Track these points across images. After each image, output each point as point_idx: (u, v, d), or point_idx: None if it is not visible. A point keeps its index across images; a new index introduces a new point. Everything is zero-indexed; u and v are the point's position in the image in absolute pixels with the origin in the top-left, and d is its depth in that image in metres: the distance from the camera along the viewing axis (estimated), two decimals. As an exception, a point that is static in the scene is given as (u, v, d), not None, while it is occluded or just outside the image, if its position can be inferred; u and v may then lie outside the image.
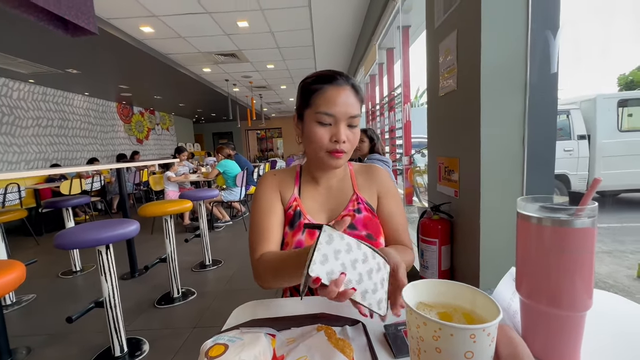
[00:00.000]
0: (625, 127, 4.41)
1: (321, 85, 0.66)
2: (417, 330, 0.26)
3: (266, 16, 3.57)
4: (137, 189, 5.88)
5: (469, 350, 0.24)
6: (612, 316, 0.51)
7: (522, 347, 0.25)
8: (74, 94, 6.74)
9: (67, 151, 6.47)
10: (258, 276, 0.65)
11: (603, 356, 0.41)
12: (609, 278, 2.47)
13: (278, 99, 9.74)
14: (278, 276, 0.60)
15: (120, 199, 2.69)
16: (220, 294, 2.29)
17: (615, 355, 0.42)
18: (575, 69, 13.24)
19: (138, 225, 1.61)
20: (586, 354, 0.41)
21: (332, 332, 0.46)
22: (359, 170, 0.80)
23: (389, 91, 3.45)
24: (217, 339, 0.40)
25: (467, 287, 0.31)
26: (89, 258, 2.95)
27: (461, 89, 1.14)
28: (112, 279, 1.53)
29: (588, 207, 0.37)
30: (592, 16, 20.58)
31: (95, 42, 3.77)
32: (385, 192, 0.77)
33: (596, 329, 0.46)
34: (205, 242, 2.81)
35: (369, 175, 0.78)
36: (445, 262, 1.30)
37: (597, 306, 0.47)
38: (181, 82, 6.29)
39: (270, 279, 0.62)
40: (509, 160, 1.01)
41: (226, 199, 4.06)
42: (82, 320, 1.89)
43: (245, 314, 0.58)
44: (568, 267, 0.37)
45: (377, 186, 0.77)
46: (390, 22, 2.97)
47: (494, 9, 0.97)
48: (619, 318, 0.50)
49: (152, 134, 9.96)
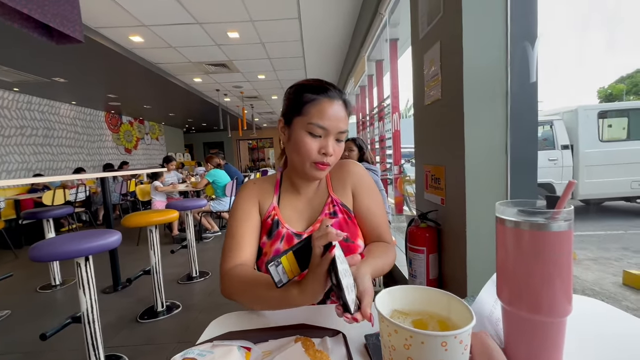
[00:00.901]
0: (606, 138, 4.57)
1: (315, 96, 0.66)
2: (389, 339, 0.25)
3: (256, 27, 3.61)
4: (124, 199, 5.75)
5: (441, 358, 0.23)
6: (593, 321, 0.50)
7: (496, 354, 0.24)
8: (60, 103, 6.63)
9: (51, 161, 6.31)
10: (225, 287, 0.62)
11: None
12: (595, 285, 2.50)
13: (269, 109, 9.78)
14: (246, 293, 0.58)
15: (105, 210, 2.61)
16: (206, 307, 2.22)
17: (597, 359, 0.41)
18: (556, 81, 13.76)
19: (120, 235, 1.56)
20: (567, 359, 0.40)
21: (311, 343, 0.44)
22: (333, 169, 0.77)
23: (379, 102, 3.50)
24: (186, 354, 0.38)
25: (442, 293, 0.30)
26: (70, 271, 2.84)
27: (445, 98, 1.16)
28: (90, 292, 1.46)
29: (564, 210, 0.36)
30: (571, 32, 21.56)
31: (83, 50, 3.74)
32: (359, 186, 0.75)
33: (578, 334, 0.46)
34: (192, 253, 2.74)
35: (342, 171, 0.76)
36: (434, 271, 1.29)
37: (578, 311, 0.47)
38: (171, 92, 6.26)
39: (239, 293, 0.60)
40: (493, 167, 1.02)
41: (215, 209, 3.99)
42: (60, 337, 1.80)
43: (223, 327, 0.56)
44: (547, 271, 0.36)
45: (351, 182, 0.75)
46: (379, 34, 3.04)
47: (475, 21, 0.99)
48: (601, 323, 0.50)
49: (141, 143, 9.82)
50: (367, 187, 0.76)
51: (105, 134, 8.15)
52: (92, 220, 5.33)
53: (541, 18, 0.99)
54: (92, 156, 7.57)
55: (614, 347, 0.44)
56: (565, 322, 0.38)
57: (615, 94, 19.84)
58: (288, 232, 0.69)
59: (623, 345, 0.44)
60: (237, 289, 0.60)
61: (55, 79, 4.91)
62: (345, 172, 0.76)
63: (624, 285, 2.47)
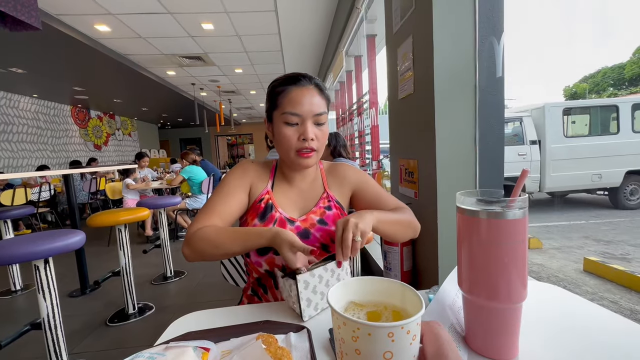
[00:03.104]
0: (570, 134, 4.84)
1: (286, 86, 0.68)
2: (339, 332, 0.24)
3: (232, 19, 3.51)
4: (94, 198, 5.46)
5: (388, 350, 0.22)
6: (551, 307, 0.52)
7: (447, 344, 0.24)
8: (19, 96, 6.17)
9: (10, 158, 5.87)
10: (190, 246, 0.64)
11: (541, 345, 0.42)
12: (559, 272, 2.65)
13: (248, 104, 9.58)
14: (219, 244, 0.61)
15: (69, 209, 2.46)
16: (181, 307, 2.15)
17: (553, 343, 0.42)
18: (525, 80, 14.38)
19: (83, 236, 1.47)
20: (525, 344, 0.41)
21: (273, 340, 0.43)
22: (329, 169, 0.81)
23: (358, 98, 3.51)
24: (136, 357, 0.36)
25: (397, 284, 0.29)
26: (32, 275, 2.65)
27: (417, 92, 1.17)
28: (52, 297, 1.37)
29: (519, 198, 0.37)
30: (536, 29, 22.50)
31: (43, 39, 3.48)
32: (360, 184, 0.79)
33: (535, 319, 0.47)
34: (166, 252, 2.64)
35: (338, 175, 0.80)
36: (407, 263, 1.31)
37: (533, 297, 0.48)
38: (143, 86, 5.98)
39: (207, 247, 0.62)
40: (463, 159, 1.04)
41: (191, 206, 3.87)
42: (19, 346, 1.69)
43: (183, 327, 0.53)
44: (503, 259, 0.37)
45: (350, 185, 0.79)
46: (356, 30, 3.03)
47: (445, 15, 1.01)
48: (558, 308, 0.52)
49: (111, 139, 9.36)
50: (367, 180, 0.80)
51: (72, 130, 7.69)
52: (58, 220, 5.02)
53: (508, 14, 1.02)
54: (57, 153, 7.12)
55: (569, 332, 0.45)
56: (521, 308, 0.39)
57: (579, 92, 21.06)
58: (281, 216, 0.70)
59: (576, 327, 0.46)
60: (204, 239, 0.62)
61: (12, 70, 4.55)
62: (342, 175, 0.79)
63: (584, 272, 2.64)
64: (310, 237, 0.70)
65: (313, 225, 0.71)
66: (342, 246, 0.56)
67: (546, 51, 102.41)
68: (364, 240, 0.58)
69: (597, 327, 0.45)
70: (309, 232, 0.71)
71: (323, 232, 0.71)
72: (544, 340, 0.43)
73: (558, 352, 0.40)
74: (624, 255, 2.94)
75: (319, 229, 0.71)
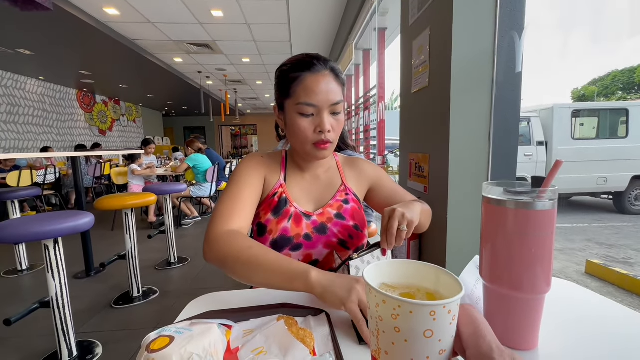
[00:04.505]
0: (578, 136, 4.80)
1: (299, 73, 0.63)
2: (377, 310, 0.24)
3: (242, 7, 3.47)
4: (98, 182, 5.49)
5: (429, 328, 0.22)
6: (567, 302, 0.52)
7: (484, 326, 0.24)
8: (26, 78, 6.17)
9: (16, 140, 5.90)
10: (213, 250, 0.56)
11: (559, 338, 0.42)
12: (561, 274, 2.66)
13: (254, 95, 9.54)
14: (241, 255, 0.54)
15: (76, 192, 2.48)
16: (184, 292, 2.18)
17: (570, 336, 0.42)
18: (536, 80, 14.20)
19: (92, 217, 1.48)
20: (543, 336, 0.41)
21: (294, 321, 0.44)
22: (345, 162, 0.80)
23: (365, 92, 3.49)
24: (162, 331, 0.36)
25: (431, 267, 0.30)
26: (37, 255, 2.69)
27: (433, 85, 1.16)
28: (60, 277, 1.39)
29: (549, 189, 0.37)
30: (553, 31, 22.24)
31: (52, 20, 3.46)
32: (378, 179, 0.78)
33: (553, 313, 0.48)
34: (170, 238, 2.67)
35: (356, 168, 0.78)
36: (414, 257, 1.32)
37: (553, 291, 0.48)
38: (150, 72, 5.96)
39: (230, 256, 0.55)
40: (476, 155, 1.04)
41: (195, 194, 3.89)
42: (27, 324, 1.72)
43: (202, 307, 0.54)
44: (530, 249, 0.37)
45: (367, 179, 0.78)
46: (367, 23, 2.99)
47: (466, 8, 0.99)
48: (573, 303, 0.52)
49: (116, 125, 9.37)
50: (383, 176, 0.79)
51: (77, 114, 7.70)
52: (62, 203, 5.06)
53: (529, 10, 1.00)
54: (62, 136, 7.14)
55: (585, 326, 0.46)
56: (543, 299, 0.39)
57: (587, 94, 20.77)
58: (296, 211, 0.68)
59: (591, 317, 0.46)
60: (229, 252, 0.55)
61: (20, 51, 4.54)
62: (360, 169, 0.78)
63: (586, 274, 2.65)
64: (328, 233, 0.68)
65: (330, 219, 0.69)
66: (387, 234, 0.55)
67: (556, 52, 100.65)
68: (410, 230, 0.57)
69: (613, 320, 0.45)
70: (325, 227, 0.68)
71: (341, 227, 0.69)
72: (562, 332, 0.43)
73: (577, 344, 0.41)
74: (626, 259, 2.95)
75: (336, 223, 0.69)
